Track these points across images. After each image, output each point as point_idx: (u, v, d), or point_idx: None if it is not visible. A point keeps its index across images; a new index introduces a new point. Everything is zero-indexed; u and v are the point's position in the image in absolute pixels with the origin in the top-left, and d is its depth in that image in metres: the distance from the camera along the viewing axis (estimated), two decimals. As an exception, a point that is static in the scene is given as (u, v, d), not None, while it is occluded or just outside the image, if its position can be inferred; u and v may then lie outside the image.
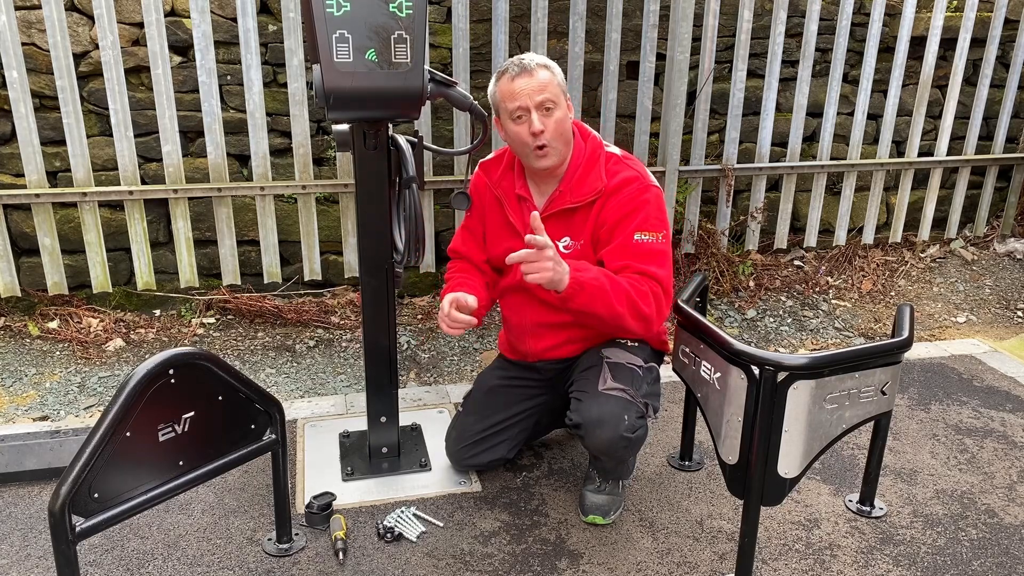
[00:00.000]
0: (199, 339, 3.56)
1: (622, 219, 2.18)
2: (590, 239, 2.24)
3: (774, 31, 3.78)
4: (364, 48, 1.94)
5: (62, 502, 1.62)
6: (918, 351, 3.45)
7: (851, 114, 4.13)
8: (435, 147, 2.48)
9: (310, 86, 3.39)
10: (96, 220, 3.38)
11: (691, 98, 3.82)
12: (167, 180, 3.38)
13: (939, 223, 4.54)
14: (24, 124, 3.18)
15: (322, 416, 2.88)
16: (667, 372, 2.36)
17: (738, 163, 3.95)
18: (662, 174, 3.76)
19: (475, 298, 2.22)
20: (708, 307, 3.44)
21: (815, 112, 4.11)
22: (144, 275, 3.49)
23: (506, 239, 2.33)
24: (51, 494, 1.66)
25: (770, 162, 4.02)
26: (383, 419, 2.49)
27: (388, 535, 2.22)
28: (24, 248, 3.58)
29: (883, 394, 2.02)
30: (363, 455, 2.59)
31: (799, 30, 3.96)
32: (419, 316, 3.80)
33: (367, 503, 2.38)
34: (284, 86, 3.50)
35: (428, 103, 2.60)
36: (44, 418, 2.95)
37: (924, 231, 4.43)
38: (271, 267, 3.59)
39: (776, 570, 2.15)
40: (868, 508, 2.38)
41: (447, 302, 2.17)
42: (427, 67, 2.08)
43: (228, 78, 3.54)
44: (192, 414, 1.85)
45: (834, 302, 4.05)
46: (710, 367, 2.01)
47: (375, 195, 2.23)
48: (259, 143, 3.40)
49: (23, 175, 3.30)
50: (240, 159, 3.65)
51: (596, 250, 2.23)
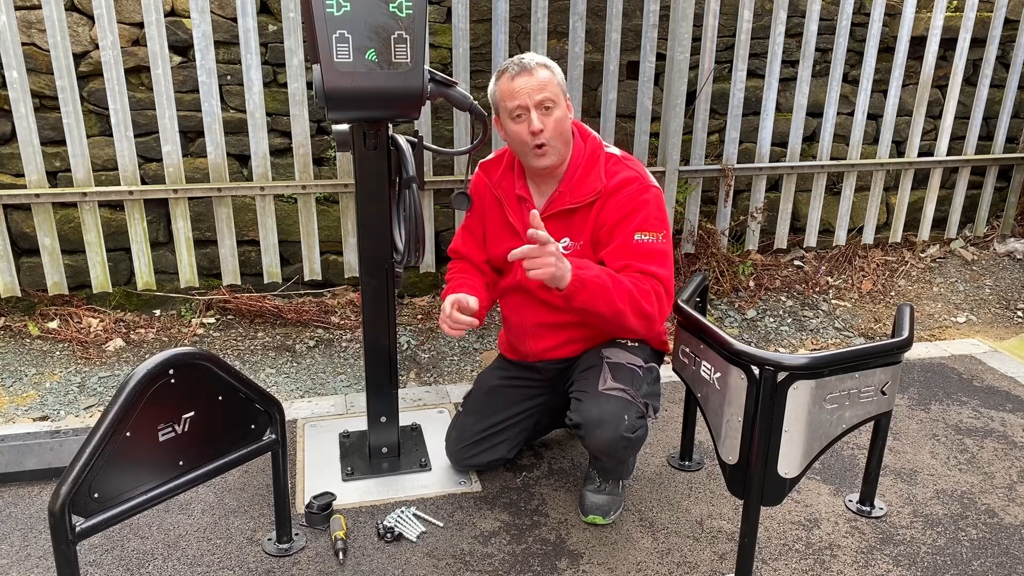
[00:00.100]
0: (199, 339, 3.56)
1: (622, 219, 2.18)
2: (590, 240, 2.24)
3: (774, 31, 3.78)
4: (364, 48, 1.94)
5: (62, 502, 1.62)
6: (918, 351, 3.45)
7: (851, 114, 4.13)
8: (435, 147, 2.48)
9: (310, 86, 3.39)
10: (96, 220, 3.38)
11: (691, 98, 3.82)
12: (167, 180, 3.38)
13: (939, 223, 4.54)
14: (24, 124, 3.18)
15: (322, 416, 2.88)
16: (667, 372, 2.36)
17: (738, 163, 3.95)
18: (662, 174, 3.76)
19: (476, 299, 2.22)
20: (708, 307, 3.44)
21: (815, 112, 4.11)
22: (144, 275, 3.49)
23: (506, 239, 2.33)
24: (51, 494, 1.66)
25: (770, 162, 4.02)
26: (383, 419, 2.49)
27: (388, 535, 2.22)
28: (24, 248, 3.58)
29: (883, 394, 2.02)
30: (363, 455, 2.59)
31: (799, 30, 3.96)
32: (419, 316, 3.80)
33: (367, 503, 2.38)
34: (284, 86, 3.50)
35: (428, 103, 2.60)
36: (44, 418, 2.95)
37: (924, 231, 4.43)
38: (271, 267, 3.59)
39: (776, 570, 2.15)
40: (868, 508, 2.38)
41: (448, 303, 2.17)
42: (427, 67, 2.08)
43: (228, 78, 3.54)
44: (192, 414, 1.85)
45: (834, 302, 4.05)
46: (710, 367, 2.02)
47: (375, 195, 2.23)
48: (259, 143, 3.41)
49: (23, 175, 3.30)
50: (240, 159, 3.65)
51: (596, 251, 2.23)
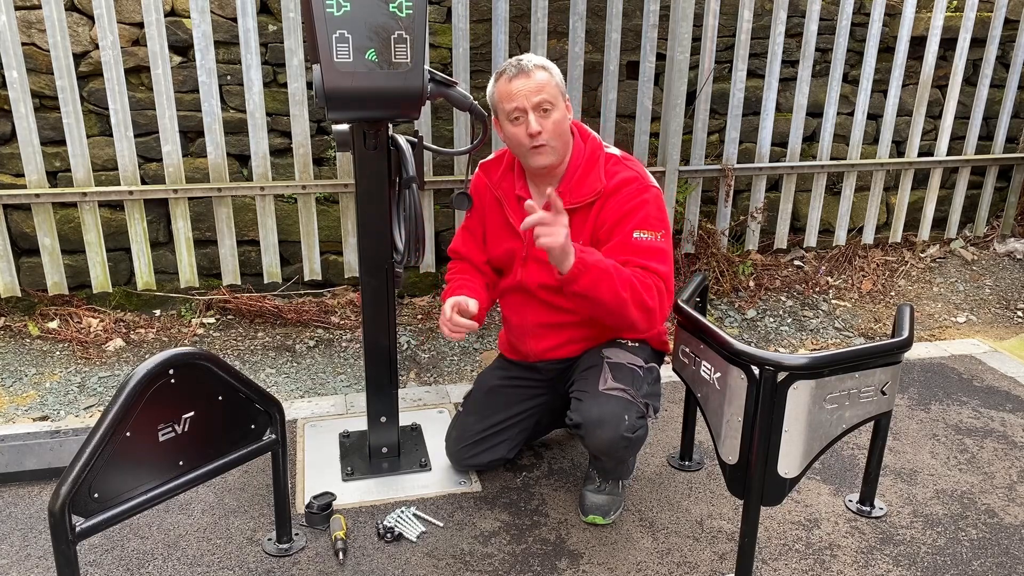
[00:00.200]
0: (199, 339, 3.56)
1: (621, 218, 2.17)
2: (590, 240, 2.23)
3: (774, 31, 3.78)
4: (364, 48, 1.94)
5: (62, 502, 1.62)
6: (918, 351, 3.45)
7: (851, 114, 4.13)
8: (435, 147, 2.48)
9: (310, 86, 3.39)
10: (96, 220, 3.38)
11: (691, 98, 3.82)
12: (167, 180, 3.38)
13: (939, 223, 4.54)
14: (24, 124, 3.18)
15: (322, 416, 2.88)
16: (667, 372, 2.36)
17: (738, 163, 3.95)
18: (662, 174, 3.76)
19: (476, 302, 2.22)
20: (708, 307, 3.44)
21: (815, 112, 4.11)
22: (144, 275, 3.49)
23: (506, 240, 2.34)
24: (51, 494, 1.66)
25: (770, 162, 4.02)
26: (383, 419, 2.49)
27: (388, 535, 2.22)
28: (24, 248, 3.58)
29: (883, 394, 2.02)
30: (363, 455, 2.59)
31: (799, 30, 3.96)
32: (419, 316, 3.80)
33: (367, 503, 2.38)
34: (284, 86, 3.50)
35: (428, 103, 2.60)
36: (44, 418, 2.95)
37: (924, 231, 4.43)
38: (271, 267, 3.59)
39: (776, 570, 2.15)
40: (868, 508, 2.38)
41: (449, 306, 2.17)
42: (427, 67, 2.08)
43: (228, 78, 3.54)
44: (192, 414, 1.85)
45: (834, 302, 4.05)
46: (710, 367, 2.01)
47: (375, 195, 2.23)
48: (259, 143, 3.41)
49: (23, 175, 3.30)
50: (240, 159, 3.65)
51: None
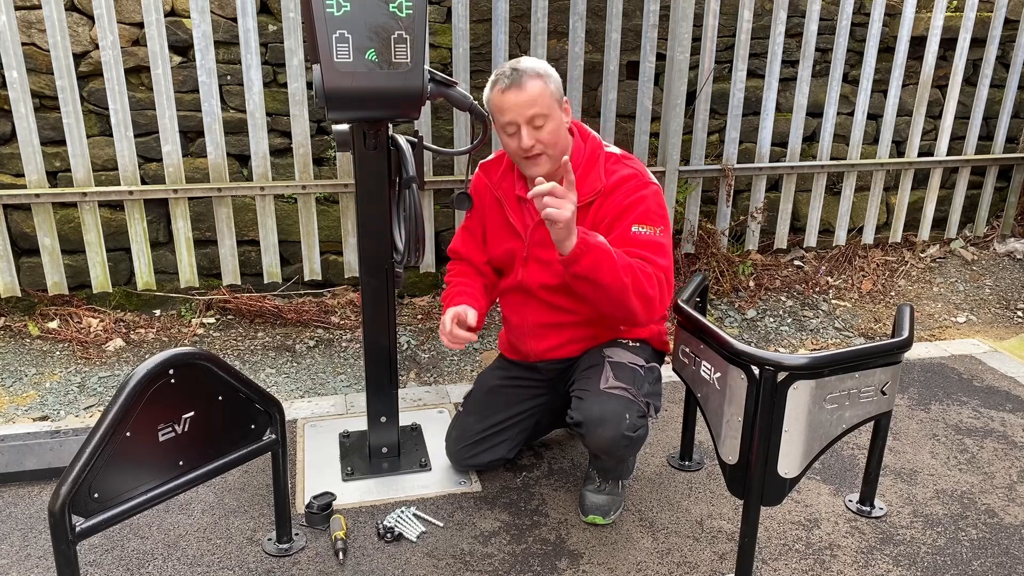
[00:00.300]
0: (199, 339, 3.56)
1: (621, 213, 2.17)
2: (590, 239, 2.23)
3: (774, 31, 3.78)
4: (364, 48, 1.94)
5: (62, 502, 1.62)
6: (918, 351, 3.45)
7: (851, 114, 4.13)
8: (435, 147, 2.48)
9: (310, 86, 3.39)
10: (96, 220, 3.38)
11: (691, 98, 3.82)
12: (167, 180, 3.38)
13: (939, 223, 4.54)
14: (24, 124, 3.18)
15: (322, 416, 2.88)
16: (667, 372, 2.36)
17: (738, 163, 3.95)
18: (662, 174, 3.76)
19: (475, 313, 2.24)
20: (708, 307, 3.44)
21: (815, 112, 4.11)
22: (144, 275, 3.49)
23: (506, 240, 2.34)
24: (51, 494, 1.66)
25: (770, 162, 4.02)
26: (383, 419, 2.49)
27: (388, 535, 2.22)
28: (24, 248, 3.58)
29: (883, 394, 2.02)
30: (363, 455, 2.59)
31: (799, 30, 3.96)
32: (419, 316, 3.80)
33: (367, 503, 2.38)
34: (284, 86, 3.50)
35: (428, 103, 2.60)
36: (44, 418, 2.95)
37: (924, 231, 4.43)
38: (271, 267, 3.59)
39: (776, 570, 2.15)
40: (868, 508, 2.38)
41: (449, 318, 2.18)
42: (427, 67, 2.08)
43: (228, 78, 3.54)
44: (192, 414, 1.85)
45: (834, 302, 4.05)
46: (710, 367, 2.01)
47: (375, 195, 2.23)
48: (259, 143, 3.41)
49: (23, 175, 3.30)
50: (240, 159, 3.65)
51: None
